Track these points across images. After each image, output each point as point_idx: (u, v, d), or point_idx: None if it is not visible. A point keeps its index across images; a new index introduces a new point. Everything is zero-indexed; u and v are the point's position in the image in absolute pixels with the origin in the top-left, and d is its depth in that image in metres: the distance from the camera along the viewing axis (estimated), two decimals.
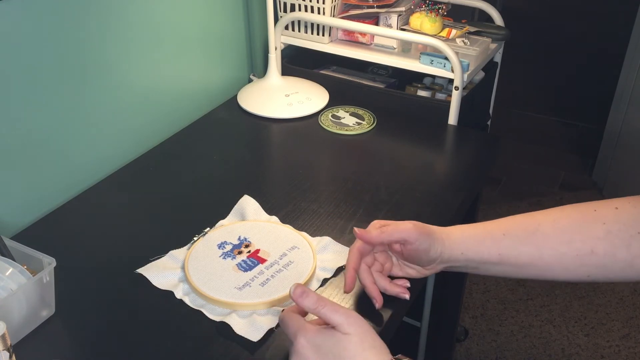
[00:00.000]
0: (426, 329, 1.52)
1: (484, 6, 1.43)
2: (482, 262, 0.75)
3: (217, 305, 0.82)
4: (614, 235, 0.68)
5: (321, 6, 1.32)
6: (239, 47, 1.42)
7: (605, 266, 0.69)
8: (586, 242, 0.69)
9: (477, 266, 0.76)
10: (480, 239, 0.75)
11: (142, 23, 1.14)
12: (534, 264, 0.72)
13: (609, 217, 0.69)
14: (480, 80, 1.40)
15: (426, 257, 0.76)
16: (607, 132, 2.57)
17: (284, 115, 1.31)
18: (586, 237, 0.69)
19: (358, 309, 0.82)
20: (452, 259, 0.76)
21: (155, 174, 1.14)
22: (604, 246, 0.68)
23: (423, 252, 0.76)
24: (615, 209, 0.69)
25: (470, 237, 0.76)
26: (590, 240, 0.69)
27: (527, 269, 0.73)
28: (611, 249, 0.68)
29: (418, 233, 0.75)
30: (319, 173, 1.14)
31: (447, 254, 0.76)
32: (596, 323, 1.98)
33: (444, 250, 0.76)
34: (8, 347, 0.65)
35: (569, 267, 0.70)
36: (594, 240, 0.68)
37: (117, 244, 0.96)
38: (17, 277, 0.77)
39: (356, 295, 0.84)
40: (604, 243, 0.68)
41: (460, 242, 0.76)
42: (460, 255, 0.75)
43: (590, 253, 0.69)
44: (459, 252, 0.75)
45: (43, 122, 1.00)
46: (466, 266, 0.77)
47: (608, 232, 0.68)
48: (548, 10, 3.84)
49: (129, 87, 1.16)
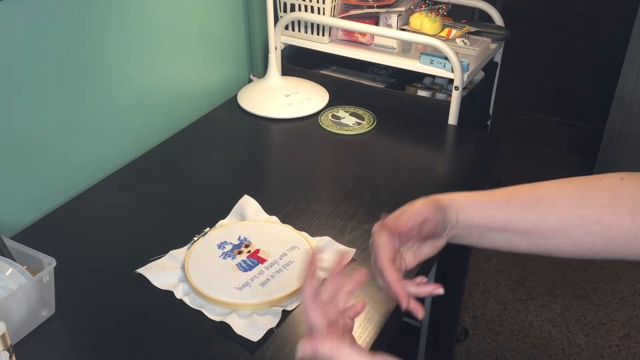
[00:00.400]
0: (426, 329, 1.53)
1: (484, 6, 1.43)
2: (486, 228, 0.72)
3: (217, 305, 0.82)
4: (620, 205, 0.66)
5: (321, 6, 1.32)
6: (239, 47, 1.42)
7: (610, 237, 0.67)
8: (592, 209, 0.67)
9: (481, 233, 0.73)
10: (484, 204, 0.73)
11: (142, 23, 1.14)
12: (538, 232, 0.70)
13: (615, 186, 0.67)
14: (480, 80, 1.40)
15: (442, 228, 0.74)
16: (607, 132, 2.57)
17: (284, 115, 1.31)
18: (592, 204, 0.67)
19: None
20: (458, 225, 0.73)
21: (155, 174, 1.14)
22: (610, 215, 0.66)
23: (441, 224, 0.73)
24: (621, 179, 0.68)
25: (474, 202, 0.74)
26: (596, 207, 0.67)
27: (530, 238, 0.71)
28: (617, 218, 0.66)
29: (433, 208, 0.72)
30: (319, 173, 1.14)
31: (455, 219, 0.73)
32: (596, 323, 1.98)
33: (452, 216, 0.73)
34: (8, 347, 0.65)
35: (573, 236, 0.69)
36: (600, 208, 0.67)
37: (117, 244, 0.96)
38: (17, 277, 0.77)
39: (358, 298, 0.84)
40: (610, 211, 0.66)
41: (464, 207, 0.73)
42: (465, 221, 0.73)
43: (596, 221, 0.67)
44: (464, 217, 0.73)
45: (43, 122, 1.00)
46: (470, 233, 0.74)
47: (614, 200, 0.66)
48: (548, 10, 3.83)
49: (129, 87, 1.16)
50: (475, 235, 0.74)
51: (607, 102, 2.57)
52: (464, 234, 0.75)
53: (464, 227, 0.73)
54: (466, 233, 0.74)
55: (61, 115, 1.03)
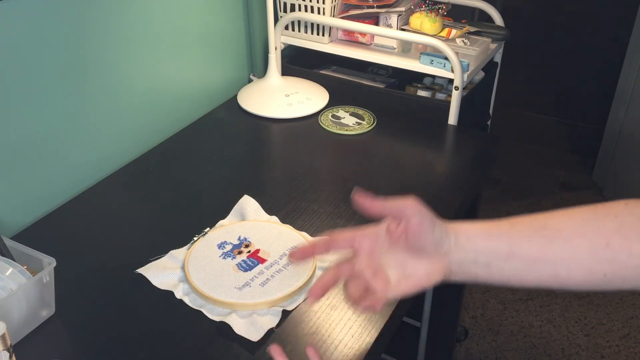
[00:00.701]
0: (426, 329, 1.52)
1: (484, 6, 1.43)
2: (492, 254, 0.69)
3: (217, 305, 0.82)
4: (628, 228, 0.65)
5: (321, 6, 1.32)
6: (239, 47, 1.42)
7: (622, 262, 0.65)
8: (599, 234, 0.65)
9: (488, 260, 0.69)
10: (490, 230, 0.70)
11: (142, 23, 1.14)
12: (546, 259, 0.67)
13: (620, 211, 0.66)
14: (480, 80, 1.40)
15: (431, 239, 0.69)
16: (607, 132, 2.57)
17: (284, 115, 1.31)
18: (599, 229, 0.66)
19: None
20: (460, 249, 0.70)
21: (155, 173, 1.14)
22: (618, 239, 0.65)
23: (428, 228, 0.69)
24: (625, 204, 0.66)
25: (478, 228, 0.70)
26: (603, 232, 0.65)
27: (539, 266, 0.68)
28: (627, 242, 0.64)
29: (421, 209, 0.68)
30: (319, 173, 1.14)
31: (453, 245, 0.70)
32: (596, 323, 1.98)
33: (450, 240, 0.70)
34: (8, 347, 0.65)
35: (584, 263, 0.66)
36: (607, 233, 0.65)
37: (117, 244, 0.96)
38: (17, 277, 0.77)
39: None
40: (618, 236, 0.65)
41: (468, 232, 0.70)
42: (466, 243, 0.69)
43: (605, 246, 0.65)
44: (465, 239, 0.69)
45: (43, 122, 1.00)
46: (475, 260, 0.69)
47: (621, 225, 0.65)
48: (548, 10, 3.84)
49: (129, 87, 1.16)
50: (481, 264, 0.70)
51: (607, 102, 2.57)
52: (467, 260, 0.70)
53: (467, 250, 0.69)
54: (469, 259, 0.70)
55: (61, 115, 1.03)
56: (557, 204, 2.50)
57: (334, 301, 0.84)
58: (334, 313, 0.82)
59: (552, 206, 0.75)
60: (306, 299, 0.63)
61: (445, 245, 0.69)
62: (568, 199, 2.55)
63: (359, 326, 0.80)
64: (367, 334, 0.79)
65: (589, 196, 2.58)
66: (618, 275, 0.65)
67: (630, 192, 2.38)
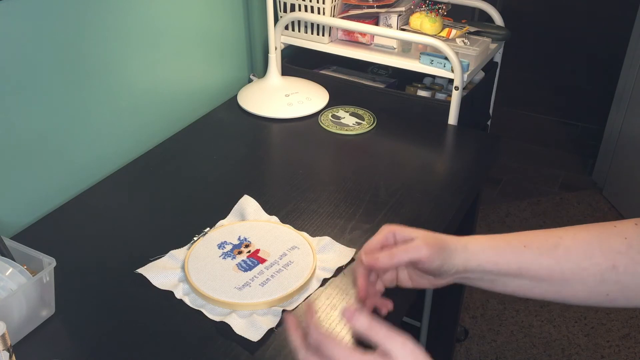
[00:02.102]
0: (426, 329, 1.53)
1: (484, 6, 1.43)
2: (499, 273, 0.71)
3: (217, 305, 0.82)
4: (635, 251, 0.66)
5: (321, 6, 1.32)
6: (239, 47, 1.42)
7: (626, 284, 0.67)
8: (607, 256, 0.67)
9: (493, 278, 0.72)
10: (500, 250, 0.72)
11: (142, 23, 1.14)
12: (553, 279, 0.70)
13: (629, 232, 0.67)
14: (480, 80, 1.40)
15: (439, 272, 0.73)
16: (607, 132, 2.57)
17: (284, 115, 1.31)
18: (607, 250, 0.67)
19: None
20: (468, 269, 0.72)
21: (155, 174, 1.14)
22: (625, 261, 0.66)
23: (436, 268, 0.72)
24: (635, 225, 0.68)
25: (489, 247, 0.72)
26: (611, 254, 0.67)
27: (544, 285, 0.71)
28: (632, 265, 0.66)
29: (430, 252, 0.71)
30: (319, 173, 1.14)
31: (462, 266, 0.72)
32: (596, 323, 1.98)
33: (458, 262, 0.72)
34: (8, 347, 0.65)
35: (589, 283, 0.68)
36: (615, 255, 0.67)
37: (117, 244, 0.96)
38: (17, 277, 0.77)
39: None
40: (625, 258, 0.66)
41: (478, 253, 0.72)
42: (476, 267, 0.72)
43: (611, 268, 0.67)
44: (476, 264, 0.72)
45: (43, 122, 1.00)
46: (481, 278, 0.73)
47: (629, 247, 0.66)
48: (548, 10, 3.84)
49: (129, 87, 1.16)
50: (486, 280, 0.73)
51: (607, 102, 2.57)
52: (473, 277, 0.73)
53: (474, 272, 0.72)
54: (476, 277, 0.73)
55: (61, 116, 1.03)
56: (557, 204, 2.50)
57: (334, 301, 0.84)
58: (334, 313, 0.82)
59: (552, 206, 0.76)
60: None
61: (452, 270, 0.72)
62: (568, 199, 2.55)
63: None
64: None
65: (589, 196, 2.58)
66: (622, 295, 0.67)
67: (630, 192, 2.38)
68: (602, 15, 3.44)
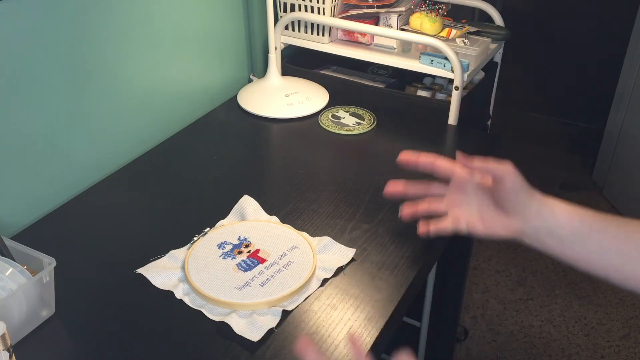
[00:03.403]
0: (426, 329, 1.52)
1: (484, 6, 1.43)
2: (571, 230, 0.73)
3: (217, 305, 0.82)
4: None
5: (321, 6, 1.32)
6: (239, 47, 1.42)
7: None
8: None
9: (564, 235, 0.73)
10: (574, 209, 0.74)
11: (142, 23, 1.14)
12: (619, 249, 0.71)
13: None
14: (480, 80, 1.40)
15: (517, 209, 0.75)
16: (607, 132, 2.57)
17: (284, 115, 1.31)
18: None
19: (361, 310, 0.82)
20: (542, 216, 0.74)
21: (155, 174, 1.14)
22: None
23: (517, 200, 0.75)
24: None
25: (563, 205, 0.75)
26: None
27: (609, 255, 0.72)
28: None
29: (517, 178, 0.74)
30: (319, 173, 1.14)
31: (537, 210, 0.74)
32: (596, 323, 1.98)
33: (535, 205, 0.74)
34: (8, 347, 0.65)
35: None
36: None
37: (117, 244, 0.96)
38: (17, 277, 0.77)
39: (358, 298, 0.84)
40: None
41: (553, 205, 0.74)
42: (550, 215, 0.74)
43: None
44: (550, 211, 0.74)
45: (43, 122, 1.00)
46: (552, 232, 0.74)
47: None
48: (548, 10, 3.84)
49: (129, 87, 1.16)
50: (557, 237, 0.74)
51: (607, 102, 2.57)
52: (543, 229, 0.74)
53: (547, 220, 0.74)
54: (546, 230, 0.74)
55: (61, 115, 1.03)
56: None
57: (334, 301, 0.84)
58: (334, 313, 0.82)
59: None
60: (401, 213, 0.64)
61: (526, 211, 0.75)
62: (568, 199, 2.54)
63: (359, 326, 0.80)
64: (367, 334, 0.79)
65: (589, 196, 2.58)
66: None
67: (631, 192, 2.38)
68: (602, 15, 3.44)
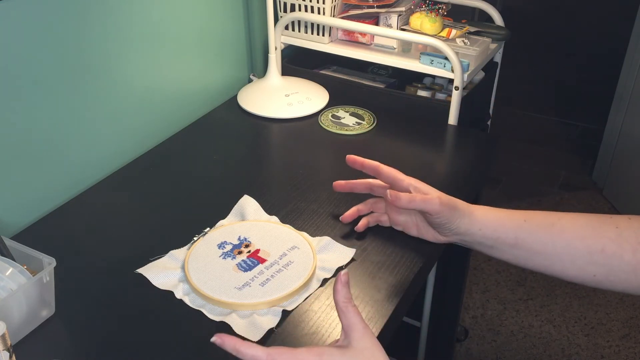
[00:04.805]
0: (426, 329, 1.53)
1: (484, 6, 1.43)
2: (498, 241, 0.81)
3: (217, 305, 0.82)
4: (624, 239, 0.73)
5: (321, 6, 1.32)
6: (239, 47, 1.42)
7: (612, 268, 0.74)
8: (598, 240, 0.75)
9: (492, 245, 0.82)
10: (502, 221, 0.81)
11: (142, 23, 1.14)
12: (546, 253, 0.78)
13: (622, 223, 0.75)
14: (480, 80, 1.40)
15: (444, 228, 0.84)
16: (607, 132, 2.57)
17: (284, 115, 1.31)
18: (599, 235, 0.75)
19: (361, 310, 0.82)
20: (469, 232, 0.82)
21: (155, 174, 1.14)
22: (613, 247, 0.74)
23: (442, 224, 0.83)
24: (629, 219, 0.75)
25: (493, 217, 0.82)
26: (602, 239, 0.74)
27: (537, 258, 0.79)
28: (619, 251, 0.73)
29: (441, 209, 0.82)
30: (319, 173, 1.14)
31: (465, 228, 0.82)
32: (596, 323, 1.98)
33: (462, 224, 0.83)
34: (8, 347, 0.65)
35: (578, 262, 0.76)
36: (606, 240, 0.74)
37: (117, 244, 0.96)
38: (17, 277, 0.77)
39: (358, 298, 0.84)
40: (614, 244, 0.74)
41: (481, 219, 0.82)
42: (477, 231, 0.82)
43: (600, 251, 0.74)
44: (477, 228, 0.82)
45: (43, 122, 1.00)
46: (481, 243, 0.83)
47: (619, 235, 0.74)
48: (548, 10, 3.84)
49: (129, 87, 1.16)
50: (486, 245, 0.83)
51: (607, 102, 2.58)
52: (472, 241, 0.84)
53: (475, 235, 0.82)
54: (476, 241, 0.83)
55: (61, 115, 1.03)
56: (557, 204, 2.50)
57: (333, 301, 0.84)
58: (334, 313, 0.82)
59: (552, 206, 0.79)
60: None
61: (454, 230, 0.84)
62: (568, 199, 2.55)
63: None
64: None
65: (589, 196, 2.58)
66: (607, 279, 0.75)
67: (631, 192, 2.38)
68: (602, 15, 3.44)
